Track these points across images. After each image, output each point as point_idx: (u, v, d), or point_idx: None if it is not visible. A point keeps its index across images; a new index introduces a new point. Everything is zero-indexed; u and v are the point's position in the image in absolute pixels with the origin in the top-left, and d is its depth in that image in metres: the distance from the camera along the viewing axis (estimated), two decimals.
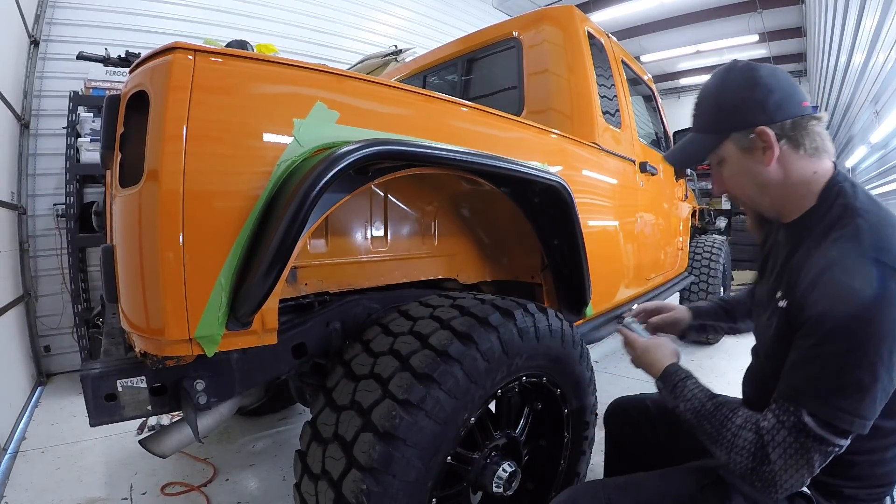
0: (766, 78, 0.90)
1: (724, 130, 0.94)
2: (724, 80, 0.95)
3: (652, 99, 3.36)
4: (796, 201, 0.93)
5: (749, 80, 0.91)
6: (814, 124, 0.90)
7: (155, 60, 0.92)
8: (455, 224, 1.75)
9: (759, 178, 0.92)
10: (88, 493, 2.03)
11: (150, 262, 0.88)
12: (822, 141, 0.90)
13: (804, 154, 0.89)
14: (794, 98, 0.90)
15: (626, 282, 2.31)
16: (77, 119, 3.34)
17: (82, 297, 3.44)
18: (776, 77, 0.91)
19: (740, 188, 0.97)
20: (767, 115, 0.89)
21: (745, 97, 0.91)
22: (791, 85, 0.92)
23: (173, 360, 0.94)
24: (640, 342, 1.14)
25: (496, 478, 1.25)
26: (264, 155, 0.96)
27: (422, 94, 1.34)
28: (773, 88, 0.89)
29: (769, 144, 0.89)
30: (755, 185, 0.94)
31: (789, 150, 0.89)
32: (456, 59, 2.60)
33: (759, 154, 0.90)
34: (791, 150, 0.89)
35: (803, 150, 0.89)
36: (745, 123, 0.90)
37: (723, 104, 0.94)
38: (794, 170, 0.90)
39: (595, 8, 7.43)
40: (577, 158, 1.92)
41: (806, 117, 0.89)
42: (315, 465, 1.07)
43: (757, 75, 0.91)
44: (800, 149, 0.89)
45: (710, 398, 0.92)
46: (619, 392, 2.88)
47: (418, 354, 1.07)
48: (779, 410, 0.80)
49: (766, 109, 0.89)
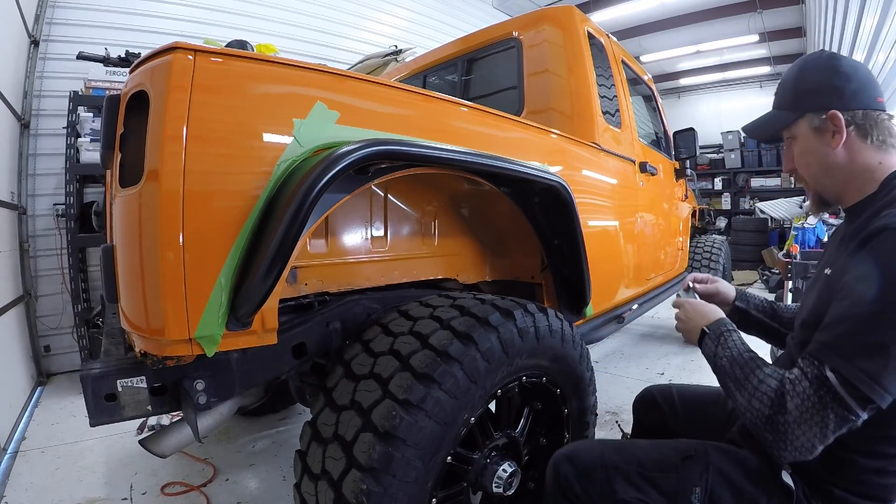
0: (847, 68, 0.95)
1: (800, 109, 0.99)
2: (808, 63, 1.00)
3: (652, 99, 3.36)
4: (858, 187, 0.96)
5: (831, 66, 0.96)
6: (885, 119, 0.93)
7: (155, 60, 0.92)
8: (455, 224, 1.75)
9: (825, 159, 0.97)
10: (88, 493, 2.03)
11: (150, 262, 0.88)
12: (892, 136, 0.94)
13: (871, 144, 0.93)
14: (869, 91, 0.94)
15: (626, 282, 2.31)
16: (77, 119, 3.34)
17: (82, 297, 3.44)
18: (856, 69, 0.95)
19: (807, 167, 1.02)
20: (842, 101, 0.93)
21: (824, 81, 0.95)
22: (869, 80, 0.96)
23: (173, 360, 0.94)
24: (693, 303, 1.17)
25: (496, 478, 1.25)
26: (264, 155, 0.96)
27: (422, 94, 1.34)
28: (851, 78, 0.94)
29: (839, 128, 0.93)
30: (821, 165, 0.98)
31: (857, 137, 0.93)
32: (456, 59, 2.60)
33: (828, 136, 0.95)
34: (859, 137, 0.93)
35: (871, 139, 0.93)
36: (821, 105, 0.95)
37: (802, 84, 0.99)
38: (860, 157, 0.94)
39: (595, 8, 7.42)
40: (577, 158, 1.92)
41: (878, 111, 0.94)
42: (315, 465, 1.07)
43: (839, 64, 0.95)
44: (867, 138, 0.93)
45: (748, 351, 0.96)
46: (620, 392, 2.88)
47: (418, 354, 1.07)
48: (804, 363, 0.83)
49: (841, 95, 0.93)
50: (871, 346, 0.76)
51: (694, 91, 11.38)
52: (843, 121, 0.93)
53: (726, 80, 10.73)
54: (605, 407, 2.64)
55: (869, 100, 0.94)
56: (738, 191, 10.18)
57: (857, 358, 0.77)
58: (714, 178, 10.36)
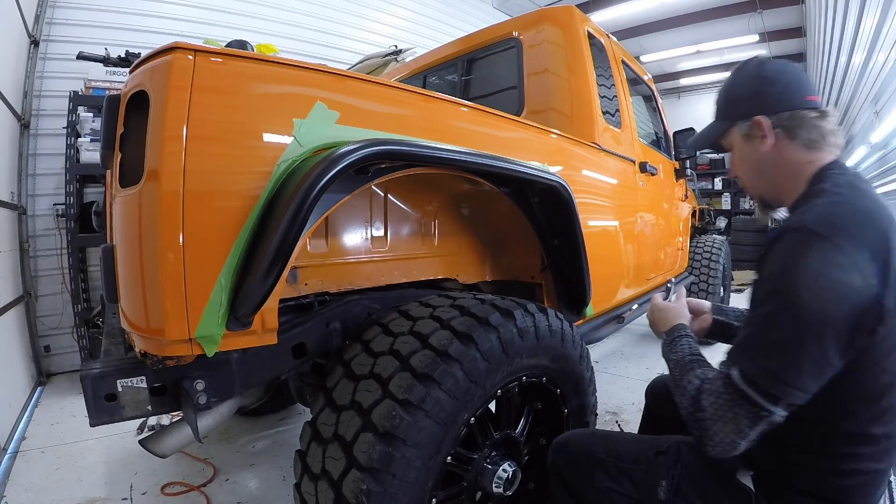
0: (771, 72, 0.97)
1: (730, 118, 1.03)
2: (737, 73, 1.03)
3: (652, 99, 3.36)
4: (791, 187, 0.97)
5: (756, 73, 0.99)
6: (815, 117, 0.93)
7: (155, 60, 0.92)
8: (455, 224, 1.75)
9: (757, 163, 1.00)
10: (88, 493, 2.03)
11: (150, 262, 0.88)
12: (823, 135, 0.93)
13: (799, 144, 0.94)
14: (796, 91, 0.95)
15: (626, 282, 2.31)
16: (77, 119, 3.34)
17: (82, 297, 3.44)
18: (783, 71, 0.97)
19: (743, 172, 1.05)
20: (766, 105, 0.96)
21: (749, 88, 0.99)
22: (797, 80, 0.96)
23: (173, 360, 0.94)
24: (662, 303, 1.22)
25: (496, 478, 1.25)
26: (264, 155, 0.96)
27: (422, 94, 1.34)
28: (776, 81, 0.96)
29: (765, 132, 0.96)
30: (754, 169, 1.02)
31: (784, 139, 0.95)
32: (456, 59, 2.60)
33: (756, 141, 0.98)
34: (786, 139, 0.95)
35: (799, 140, 0.94)
36: (747, 112, 0.98)
37: (731, 94, 1.03)
38: (789, 157, 0.95)
39: (595, 8, 7.42)
40: (577, 158, 1.92)
41: (807, 111, 0.94)
42: (315, 465, 1.07)
43: (764, 69, 0.98)
44: (795, 139, 0.94)
45: (693, 354, 1.00)
46: (620, 392, 2.87)
47: (418, 354, 1.07)
48: (721, 365, 0.89)
49: (765, 100, 0.96)
50: (770, 346, 0.80)
51: (694, 91, 11.39)
52: (769, 124, 0.95)
53: None
54: (605, 407, 2.63)
55: (796, 100, 0.95)
56: (738, 191, 10.17)
57: (758, 357, 0.80)
58: (714, 178, 10.36)
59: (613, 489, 1.07)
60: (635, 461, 1.08)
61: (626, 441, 1.16)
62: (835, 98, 6.22)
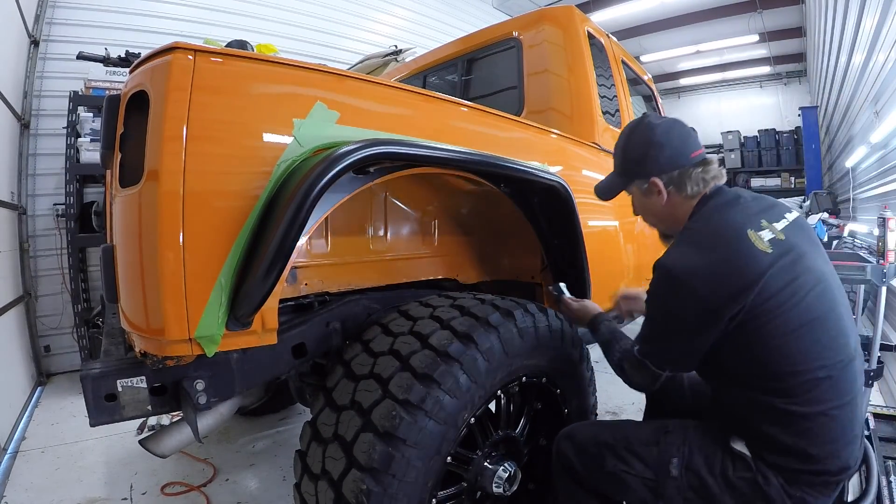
0: (660, 136, 1.17)
1: (629, 177, 1.24)
2: (630, 137, 1.23)
3: (652, 99, 3.35)
4: (679, 225, 1.20)
5: (646, 139, 1.18)
6: (699, 172, 1.15)
7: (155, 60, 0.92)
8: (455, 224, 1.75)
9: (655, 211, 1.24)
10: (88, 493, 2.03)
11: (150, 262, 0.88)
12: (706, 182, 1.16)
13: (687, 195, 1.17)
14: (682, 152, 1.16)
15: (627, 281, 2.31)
16: (77, 119, 3.34)
17: (82, 297, 3.44)
18: (669, 134, 1.17)
19: (643, 214, 1.31)
20: (658, 167, 1.17)
21: (642, 153, 1.19)
22: (682, 141, 1.17)
23: (173, 360, 0.94)
24: (575, 304, 1.53)
25: (496, 478, 1.25)
26: (264, 155, 0.96)
27: (422, 94, 1.34)
28: (664, 145, 1.16)
29: (659, 190, 1.18)
30: (653, 215, 1.27)
31: (675, 192, 1.18)
32: (456, 59, 2.60)
33: (654, 196, 1.20)
34: (677, 192, 1.18)
35: (685, 193, 1.17)
36: (644, 174, 1.19)
37: (628, 156, 1.24)
38: (680, 205, 1.19)
39: (595, 8, 7.42)
40: (577, 158, 1.92)
41: (692, 167, 1.15)
42: (315, 465, 1.07)
43: (653, 135, 1.17)
44: (683, 192, 1.17)
45: (611, 333, 1.33)
46: (620, 392, 2.87)
47: (418, 354, 1.07)
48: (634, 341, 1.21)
49: (657, 163, 1.17)
50: (653, 339, 1.15)
51: (694, 91, 11.38)
52: (662, 184, 1.17)
53: (726, 80, 10.72)
54: (605, 407, 2.64)
55: (682, 160, 1.16)
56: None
57: (647, 345, 1.15)
58: None
59: (626, 471, 1.13)
60: (645, 443, 1.14)
61: (631, 426, 1.24)
62: (835, 98, 6.22)
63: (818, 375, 0.99)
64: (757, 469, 1.03)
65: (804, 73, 9.91)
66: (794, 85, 10.19)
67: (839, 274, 2.45)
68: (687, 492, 1.07)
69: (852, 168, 5.34)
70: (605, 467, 1.14)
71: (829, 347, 1.01)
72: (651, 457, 1.12)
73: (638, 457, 1.13)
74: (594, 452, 1.18)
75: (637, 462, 1.13)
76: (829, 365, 0.99)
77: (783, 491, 1.01)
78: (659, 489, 1.09)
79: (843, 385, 1.01)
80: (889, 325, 3.31)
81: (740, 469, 1.04)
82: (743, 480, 1.03)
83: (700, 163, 1.16)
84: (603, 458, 1.15)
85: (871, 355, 2.25)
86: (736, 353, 1.05)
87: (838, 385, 1.00)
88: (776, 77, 10.23)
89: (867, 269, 2.29)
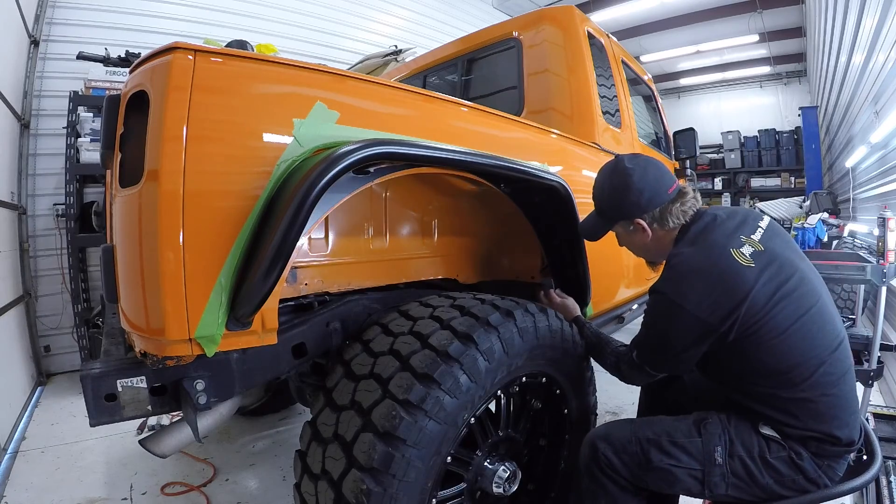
0: (637, 182, 1.24)
1: (613, 219, 1.33)
2: (608, 183, 1.31)
3: (652, 99, 3.35)
4: (665, 253, 1.28)
5: (625, 184, 1.26)
6: (677, 206, 1.25)
7: (155, 60, 0.92)
8: (455, 224, 1.74)
9: (640, 246, 1.36)
10: (88, 493, 2.03)
11: (150, 262, 0.88)
12: (685, 212, 1.26)
13: (669, 228, 1.27)
14: (658, 191, 1.25)
15: (626, 282, 2.31)
16: (77, 119, 3.34)
17: (82, 297, 3.44)
18: (645, 179, 1.25)
19: (629, 248, 1.41)
20: (640, 209, 1.26)
21: (622, 198, 1.27)
22: (658, 182, 1.26)
23: (173, 360, 0.94)
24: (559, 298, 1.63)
25: (496, 478, 1.25)
26: (264, 155, 0.96)
27: (422, 94, 1.34)
28: (643, 189, 1.24)
29: (643, 228, 1.28)
30: (638, 249, 1.39)
31: (658, 228, 1.28)
32: (456, 59, 2.60)
33: (638, 233, 1.30)
34: (659, 227, 1.27)
35: (668, 226, 1.26)
36: (626, 216, 1.29)
37: (609, 201, 1.32)
38: (663, 238, 1.29)
39: (595, 8, 7.42)
40: (577, 158, 1.92)
41: (669, 203, 1.24)
42: (315, 465, 1.07)
43: (630, 181, 1.25)
44: (665, 226, 1.26)
45: (597, 336, 1.47)
46: (620, 392, 2.87)
47: (418, 354, 1.07)
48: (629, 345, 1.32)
49: (638, 206, 1.26)
50: (649, 347, 1.24)
51: (694, 91, 11.38)
52: (645, 223, 1.27)
53: (726, 80, 10.72)
54: (605, 407, 2.63)
55: (660, 198, 1.25)
56: (738, 191, 10.17)
57: (643, 350, 1.25)
58: (714, 178, 10.35)
59: (673, 465, 1.16)
60: (688, 435, 1.18)
61: (666, 421, 1.25)
62: (835, 98, 6.22)
63: (814, 364, 1.09)
64: (789, 447, 1.11)
65: (804, 73, 9.91)
66: (794, 85, 10.19)
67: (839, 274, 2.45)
68: (731, 478, 1.13)
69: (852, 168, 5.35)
70: (652, 463, 1.16)
71: (819, 337, 1.11)
72: (696, 448, 1.15)
73: (683, 449, 1.16)
74: (636, 450, 1.18)
75: (682, 454, 1.15)
76: (823, 353, 1.10)
77: (814, 462, 1.11)
78: (706, 478, 1.14)
79: (837, 365, 1.11)
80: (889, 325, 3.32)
81: (775, 450, 1.12)
82: (779, 460, 1.11)
83: (677, 196, 1.26)
84: (648, 455, 1.16)
85: (871, 355, 2.24)
86: (734, 358, 1.14)
87: (833, 366, 1.11)
88: (776, 77, 10.23)
89: (867, 269, 2.29)
